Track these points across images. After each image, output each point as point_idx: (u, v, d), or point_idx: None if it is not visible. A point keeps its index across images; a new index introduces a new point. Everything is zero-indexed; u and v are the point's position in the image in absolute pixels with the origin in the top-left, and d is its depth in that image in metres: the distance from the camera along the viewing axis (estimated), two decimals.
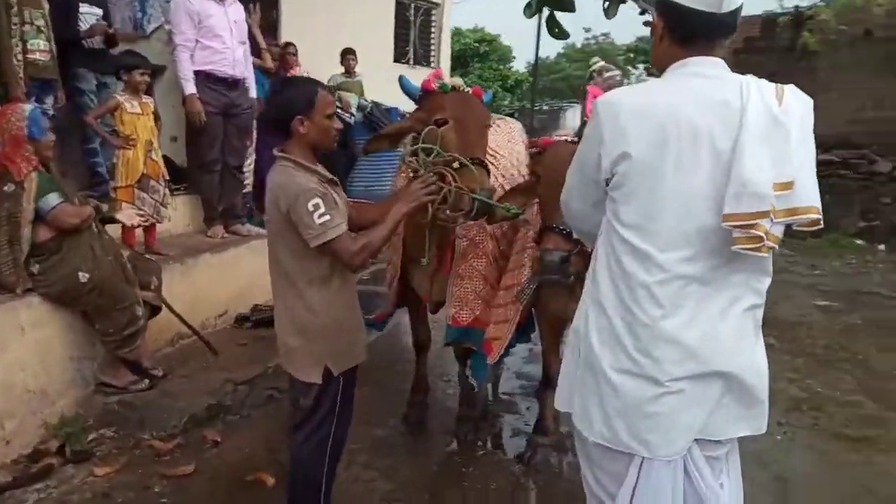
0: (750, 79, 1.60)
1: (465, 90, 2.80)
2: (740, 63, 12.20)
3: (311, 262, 2.18)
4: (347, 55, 6.89)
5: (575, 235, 2.31)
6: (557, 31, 3.37)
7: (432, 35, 10.54)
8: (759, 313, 1.68)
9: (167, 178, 4.30)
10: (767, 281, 1.66)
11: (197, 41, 4.66)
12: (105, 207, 3.65)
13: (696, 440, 1.68)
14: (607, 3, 3.52)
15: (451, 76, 2.92)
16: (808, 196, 1.54)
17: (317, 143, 2.24)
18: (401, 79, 2.98)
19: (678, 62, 1.62)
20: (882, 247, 8.05)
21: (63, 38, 4.17)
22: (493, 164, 3.00)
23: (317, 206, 2.06)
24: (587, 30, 45.74)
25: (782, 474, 3.03)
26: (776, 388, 3.72)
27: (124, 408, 3.49)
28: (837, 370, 4.25)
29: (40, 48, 4.00)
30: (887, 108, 10.82)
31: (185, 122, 4.82)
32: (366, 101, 7.19)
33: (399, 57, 9.77)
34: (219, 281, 4.50)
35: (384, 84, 8.13)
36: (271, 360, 4.04)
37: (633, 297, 1.62)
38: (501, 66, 27.81)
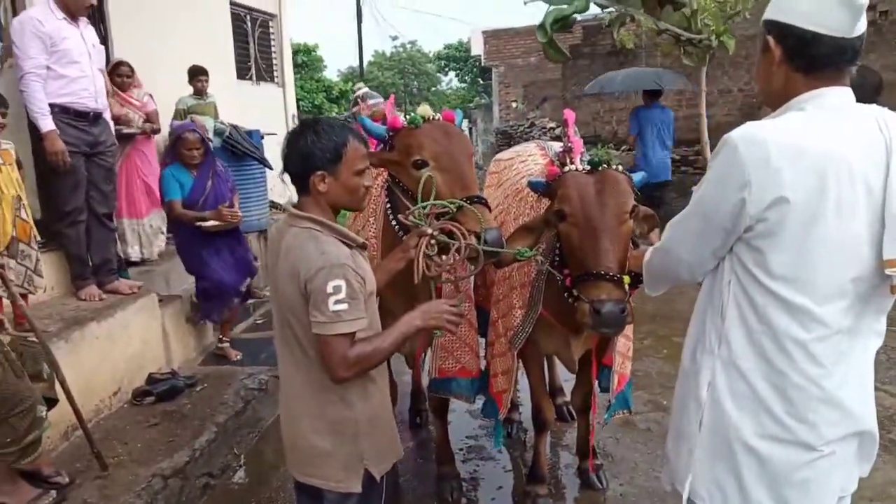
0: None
1: (437, 118, 2.53)
2: (567, 69, 12.95)
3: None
4: (199, 76, 6.26)
5: (627, 279, 2.14)
6: (555, 53, 3.17)
7: (273, 49, 9.91)
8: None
9: (39, 239, 3.51)
10: (885, 319, 1.61)
11: (49, 68, 3.87)
12: None
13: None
14: None
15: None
16: None
17: (339, 204, 1.86)
18: (362, 121, 2.66)
19: (811, 93, 1.48)
20: None
21: None
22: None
23: (338, 289, 1.70)
24: (394, 38, 46.51)
25: (870, 496, 2.95)
26: None
27: None
28: None
29: None
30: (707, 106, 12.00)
31: (37, 165, 3.99)
32: (223, 123, 6.57)
33: (242, 73, 9.04)
34: (108, 353, 3.77)
35: (232, 102, 7.55)
36: (194, 441, 3.46)
37: (784, 356, 1.48)
38: (322, 77, 27.24)
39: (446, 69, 43.01)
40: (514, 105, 19.02)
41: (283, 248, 1.82)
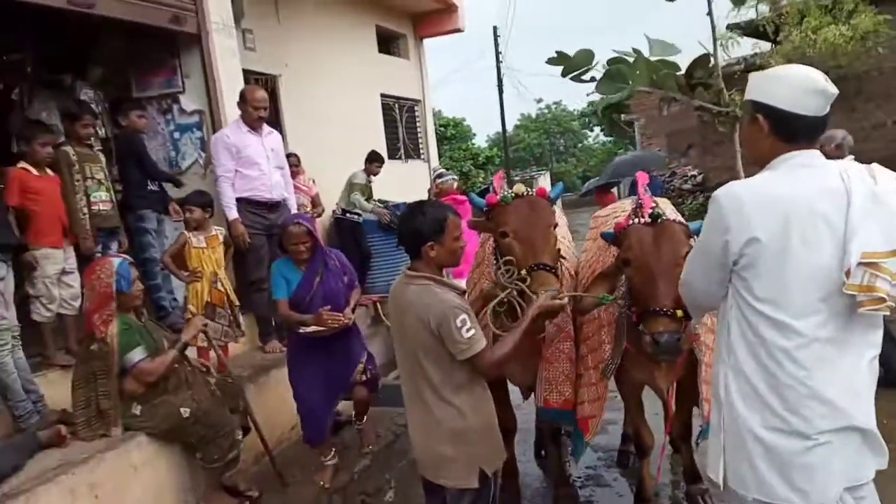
0: (843, 164, 1.90)
1: (529, 193, 3.00)
2: (704, 117, 12.99)
3: (457, 372, 2.34)
4: (375, 161, 7.17)
5: (679, 314, 2.56)
6: (617, 130, 3.73)
7: (419, 129, 11.07)
8: (877, 364, 1.92)
9: (236, 303, 4.51)
10: (881, 333, 1.92)
11: (236, 171, 4.97)
12: (184, 338, 3.78)
13: (845, 488, 1.90)
14: None
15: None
16: None
17: (445, 264, 2.45)
18: (469, 197, 3.28)
19: (784, 155, 1.89)
20: None
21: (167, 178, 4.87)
22: (562, 256, 3.27)
23: (464, 322, 2.25)
24: (538, 100, 47.86)
25: None
26: None
27: None
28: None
29: (102, 199, 4.28)
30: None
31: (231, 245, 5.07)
32: (374, 201, 7.55)
33: (392, 153, 10.22)
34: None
35: (385, 180, 8.59)
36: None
37: (775, 363, 1.85)
38: (469, 145, 28.83)
39: (591, 126, 43.44)
40: (659, 153, 18.98)
41: (405, 302, 2.40)
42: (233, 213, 4.93)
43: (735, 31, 10.21)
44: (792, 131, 1.89)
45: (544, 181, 32.65)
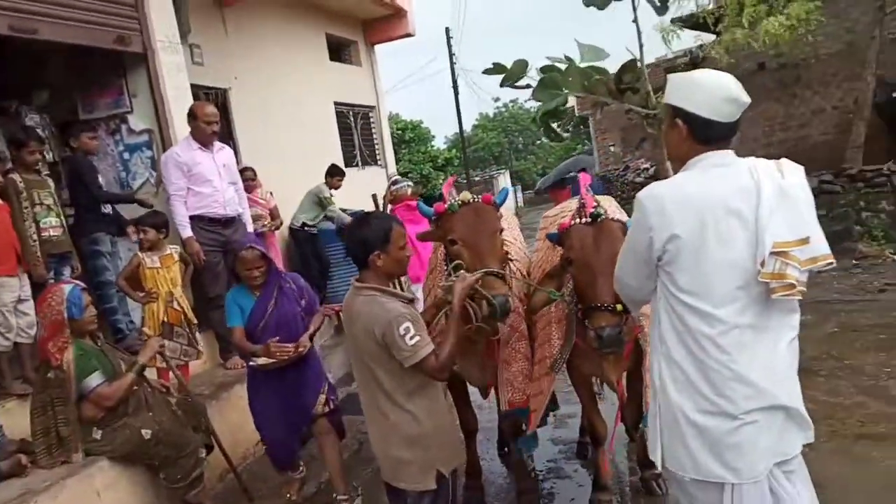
0: (753, 161, 2.03)
1: (475, 200, 3.06)
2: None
3: (407, 378, 2.42)
4: (336, 176, 7.18)
5: (619, 308, 2.68)
6: (553, 136, 3.87)
7: (374, 135, 11.11)
8: (797, 344, 2.06)
9: (194, 321, 4.51)
10: (798, 316, 2.05)
11: (189, 188, 4.97)
12: (141, 360, 3.77)
13: (775, 463, 2.03)
14: None
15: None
16: (822, 247, 1.95)
17: (392, 273, 2.54)
18: (418, 205, 3.35)
19: (700, 156, 2.03)
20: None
21: (117, 199, 4.86)
22: (510, 256, 3.37)
23: (407, 330, 2.33)
24: (496, 99, 48.20)
25: (821, 482, 3.32)
26: None
27: None
28: (833, 378, 4.68)
29: (52, 224, 4.25)
30: (792, 129, 11.99)
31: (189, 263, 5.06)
32: (333, 210, 7.58)
33: (349, 161, 10.25)
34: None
35: (341, 189, 8.61)
36: (321, 475, 4.21)
37: (700, 349, 1.98)
38: (428, 148, 28.88)
39: (567, 125, 43.87)
40: (612, 149, 19.35)
41: (354, 313, 2.48)
42: (187, 232, 4.93)
43: (677, 24, 10.53)
44: (707, 135, 2.03)
45: (504, 180, 32.96)
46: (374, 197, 6.96)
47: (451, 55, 26.50)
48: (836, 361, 4.99)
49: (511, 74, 5.78)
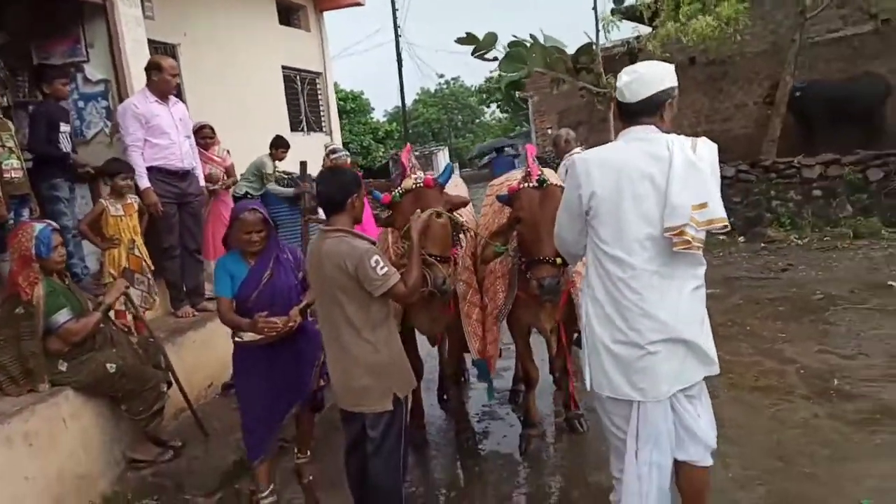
0: (673, 137, 2.44)
1: (417, 186, 3.31)
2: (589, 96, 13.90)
3: (374, 309, 2.73)
4: (280, 147, 7.15)
5: (559, 261, 3.08)
6: (514, 105, 4.21)
7: (321, 102, 11.21)
8: (703, 292, 2.48)
9: (152, 268, 4.67)
10: (703, 269, 2.47)
11: (146, 140, 5.07)
12: (107, 301, 3.95)
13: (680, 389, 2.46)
14: None
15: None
16: (718, 211, 2.33)
17: (358, 217, 2.84)
18: (371, 192, 3.60)
19: (625, 130, 2.46)
20: (741, 238, 9.54)
21: (48, 155, 4.67)
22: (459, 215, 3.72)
23: (377, 262, 2.64)
24: (440, 75, 48.29)
25: (722, 423, 3.82)
26: None
27: (159, 477, 3.84)
28: (735, 341, 5.29)
29: (14, 167, 4.31)
30: (716, 121, 12.78)
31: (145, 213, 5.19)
32: (284, 174, 7.69)
33: (294, 126, 10.33)
34: (203, 355, 4.87)
35: (288, 153, 8.72)
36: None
37: (616, 289, 2.39)
38: (368, 119, 28.87)
39: (488, 101, 44.35)
40: (549, 132, 19.95)
41: (323, 254, 2.73)
42: (144, 182, 5.02)
43: (616, 15, 11.05)
44: (623, 113, 2.47)
45: (444, 156, 33.25)
46: (303, 164, 7.03)
47: (395, 27, 26.47)
48: (739, 328, 5.62)
49: (482, 45, 6.13)
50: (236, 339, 3.33)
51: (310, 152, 10.03)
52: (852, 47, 11.23)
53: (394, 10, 25.83)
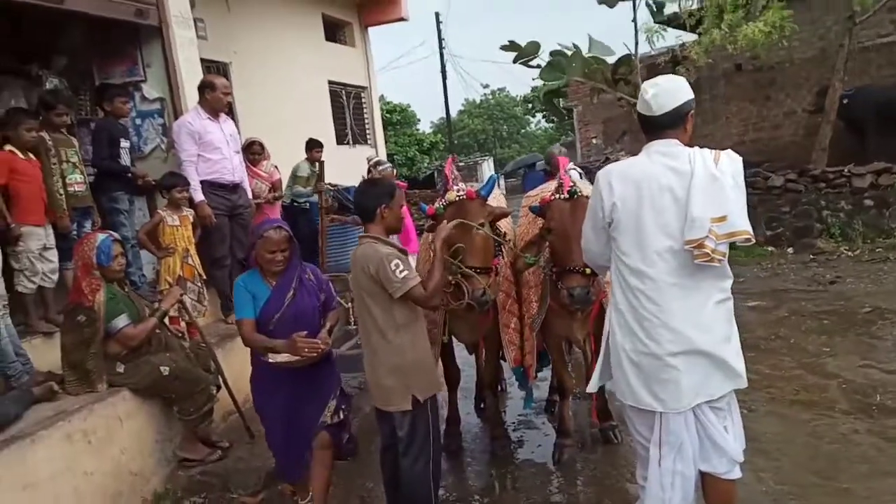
0: (696, 150, 2.50)
1: (460, 198, 3.42)
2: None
3: (397, 312, 2.86)
4: (315, 148, 7.50)
5: (588, 271, 3.15)
6: (555, 112, 4.31)
7: (366, 115, 11.48)
8: (730, 305, 2.50)
9: (204, 277, 4.91)
10: (729, 282, 2.51)
11: (199, 155, 5.34)
12: (164, 307, 4.16)
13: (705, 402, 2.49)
14: None
15: None
16: (739, 224, 2.36)
17: (391, 226, 2.97)
18: (418, 204, 3.78)
19: (648, 144, 2.53)
20: (790, 250, 9.36)
21: (111, 170, 4.99)
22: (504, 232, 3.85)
23: (397, 266, 2.78)
24: (485, 86, 48.53)
25: (758, 437, 3.84)
26: None
27: (207, 476, 4.04)
28: (778, 354, 5.22)
29: (77, 181, 4.62)
30: (765, 129, 12.56)
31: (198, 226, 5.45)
32: (329, 185, 7.92)
33: (340, 139, 10.61)
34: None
35: (332, 166, 8.99)
36: None
37: (636, 300, 2.45)
38: (414, 131, 29.20)
39: (534, 111, 44.33)
40: (594, 141, 19.88)
41: (356, 258, 2.92)
42: (199, 196, 5.29)
43: (660, 24, 11.00)
44: (645, 126, 2.54)
45: (488, 166, 33.39)
46: (321, 164, 7.32)
47: (440, 40, 26.79)
48: (783, 341, 5.54)
49: (524, 52, 6.26)
50: (269, 359, 3.10)
51: (355, 164, 10.32)
52: None
53: (437, 24, 26.14)
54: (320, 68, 10.15)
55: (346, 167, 9.51)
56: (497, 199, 4.42)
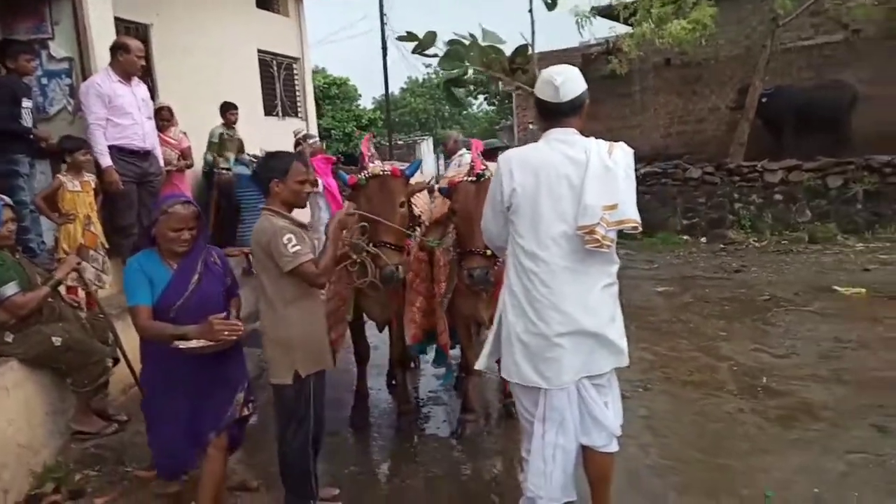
0: (592, 141, 2.57)
1: (385, 173, 3.46)
2: None
3: (287, 286, 2.82)
4: (230, 110, 7.35)
5: (489, 253, 3.20)
6: (454, 102, 4.35)
7: (297, 88, 11.24)
8: (615, 289, 2.62)
9: (106, 246, 4.74)
10: (616, 267, 2.62)
11: (108, 119, 5.12)
12: (58, 276, 4.01)
13: (585, 376, 2.59)
14: None
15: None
16: (629, 212, 2.48)
17: (288, 200, 2.90)
18: (337, 172, 3.75)
19: (547, 132, 2.58)
20: (704, 239, 9.76)
21: (10, 130, 4.72)
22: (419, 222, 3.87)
23: (290, 240, 2.74)
24: (427, 65, 48.22)
25: (649, 414, 4.07)
26: (634, 357, 4.86)
27: (101, 450, 3.92)
28: (677, 337, 5.48)
29: None
30: (690, 123, 12.97)
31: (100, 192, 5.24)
32: (248, 155, 7.79)
33: (269, 111, 10.37)
34: None
35: (258, 137, 8.80)
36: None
37: (530, 282, 2.53)
38: (354, 107, 28.75)
39: (476, 94, 44.37)
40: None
41: (255, 230, 2.87)
42: (106, 161, 5.08)
43: (593, 12, 11.18)
44: (544, 113, 2.59)
45: (427, 146, 33.31)
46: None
47: (381, 14, 26.38)
48: (684, 325, 5.80)
49: (422, 43, 6.33)
50: (180, 346, 2.70)
51: (284, 137, 10.11)
52: (823, 55, 11.45)
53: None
54: (250, 36, 9.85)
55: (275, 139, 9.31)
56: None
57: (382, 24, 26.36)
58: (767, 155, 10.29)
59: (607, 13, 12.22)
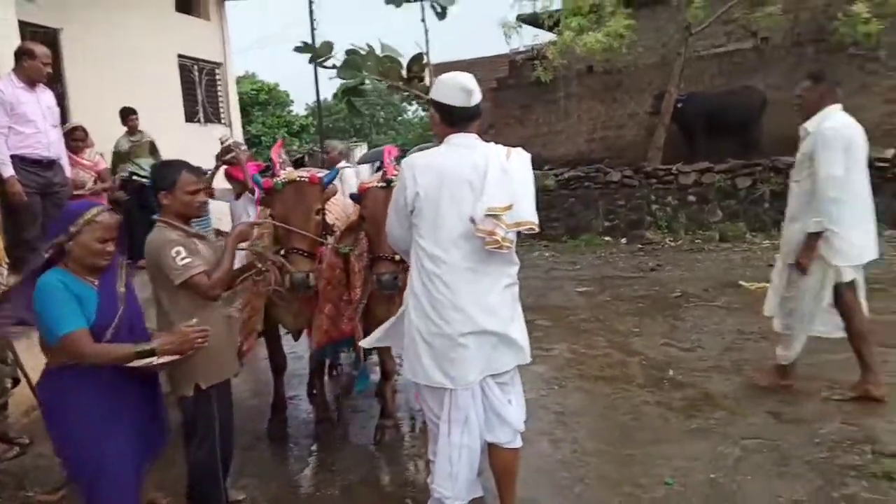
0: (491, 146, 2.67)
1: (301, 179, 3.45)
2: (497, 99, 14.27)
3: (182, 298, 2.76)
4: (129, 116, 7.09)
5: (398, 258, 3.24)
6: (354, 111, 4.39)
7: (219, 93, 11.04)
8: (515, 290, 2.72)
9: (7, 261, 4.54)
10: (516, 268, 2.72)
11: (10, 127, 4.93)
12: None
13: (489, 375, 2.68)
14: None
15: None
16: (526, 214, 2.59)
17: (180, 212, 2.85)
18: (253, 177, 3.73)
19: (449, 136, 2.66)
20: (624, 240, 10.10)
21: None
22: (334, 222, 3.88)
23: (178, 252, 2.70)
24: (331, 77, 47.80)
25: (562, 410, 4.20)
26: (550, 355, 5.03)
27: (2, 475, 3.79)
28: (593, 335, 5.66)
29: None
30: (611, 128, 13.39)
31: (2, 203, 5.02)
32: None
33: (190, 117, 10.16)
34: None
35: (178, 144, 8.61)
36: None
37: (432, 284, 2.60)
38: (283, 112, 28.37)
39: (410, 100, 44.37)
40: None
41: (147, 241, 2.80)
42: (9, 171, 4.90)
43: (519, 21, 11.43)
44: (450, 119, 2.65)
45: (360, 152, 33.17)
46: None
47: (311, 20, 26.15)
48: (600, 323, 6.00)
49: (319, 53, 6.44)
50: (138, 364, 2.46)
51: (206, 144, 9.91)
52: (733, 62, 12.01)
53: (310, 3, 25.49)
54: (169, 41, 9.66)
55: (196, 146, 9.12)
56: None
57: (312, 30, 26.18)
58: (682, 158, 10.73)
59: (532, 21, 12.49)
